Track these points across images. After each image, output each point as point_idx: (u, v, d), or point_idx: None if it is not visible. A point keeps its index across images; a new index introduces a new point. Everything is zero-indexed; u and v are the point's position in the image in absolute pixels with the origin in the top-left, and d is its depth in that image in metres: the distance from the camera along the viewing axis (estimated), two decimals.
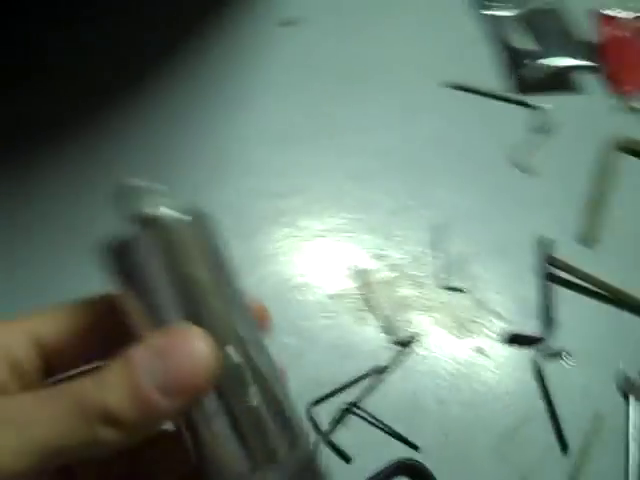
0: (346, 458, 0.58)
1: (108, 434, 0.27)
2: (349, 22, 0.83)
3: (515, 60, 0.82)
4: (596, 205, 0.74)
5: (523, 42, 0.82)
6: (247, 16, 0.81)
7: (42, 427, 0.27)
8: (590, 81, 0.83)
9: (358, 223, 0.71)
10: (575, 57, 0.82)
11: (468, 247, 0.71)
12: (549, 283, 0.69)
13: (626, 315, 0.68)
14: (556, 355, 0.65)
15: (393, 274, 0.68)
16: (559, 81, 0.82)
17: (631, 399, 0.63)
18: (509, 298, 0.69)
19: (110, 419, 0.27)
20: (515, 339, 0.66)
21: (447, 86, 0.80)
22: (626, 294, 0.69)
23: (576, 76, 0.82)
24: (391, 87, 0.80)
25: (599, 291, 0.69)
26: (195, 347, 0.28)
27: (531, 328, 0.67)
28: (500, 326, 0.67)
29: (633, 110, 0.82)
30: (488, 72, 0.82)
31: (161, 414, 0.28)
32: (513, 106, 0.80)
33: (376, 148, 0.75)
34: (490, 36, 0.85)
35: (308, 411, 0.59)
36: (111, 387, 0.27)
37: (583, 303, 0.69)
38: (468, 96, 0.80)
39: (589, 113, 0.81)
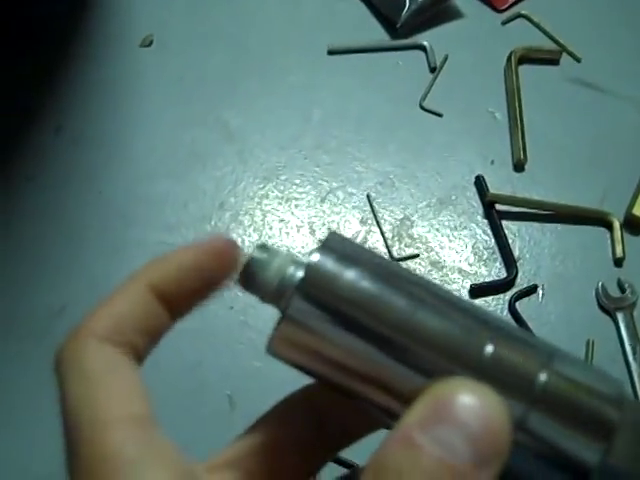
0: None
1: None
2: (212, 25, 0.77)
3: (388, 6, 0.78)
4: (515, 126, 0.72)
5: None
6: (107, 45, 0.75)
7: None
8: (470, 2, 0.79)
9: (287, 224, 0.67)
10: None
11: (407, 210, 0.68)
12: (497, 221, 0.66)
13: (581, 229, 0.66)
14: (528, 292, 0.63)
15: None
16: (440, 13, 0.78)
17: (618, 314, 0.61)
18: (464, 249, 0.66)
19: None
20: (482, 290, 0.63)
21: (332, 53, 0.75)
22: (572, 207, 0.67)
23: (455, 2, 0.79)
24: (277, 72, 0.75)
25: (546, 213, 0.67)
26: (476, 401, 0.23)
27: (496, 272, 0.64)
28: (464, 281, 0.64)
29: (521, 18, 0.79)
30: (369, 28, 0.78)
31: None
32: (403, 52, 0.76)
33: (283, 140, 0.71)
34: None
35: None
36: None
37: (536, 230, 0.67)
38: (356, 57, 0.76)
39: (480, 35, 0.78)
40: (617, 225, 0.65)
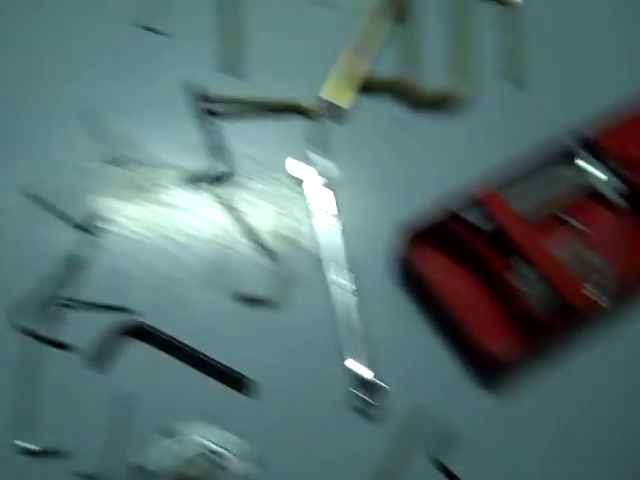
0: (65, 346, 0.61)
1: None
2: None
3: None
4: (231, 32, 0.78)
5: None
6: None
7: None
8: None
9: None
10: None
11: (121, 122, 0.73)
12: (208, 118, 0.73)
13: (282, 120, 0.74)
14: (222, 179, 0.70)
15: None
16: None
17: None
18: (175, 146, 0.72)
19: None
20: (193, 179, 0.70)
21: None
22: (275, 101, 0.75)
23: None
24: None
25: (255, 109, 0.74)
26: None
27: (205, 165, 0.71)
28: (177, 174, 0.70)
29: None
30: None
31: None
32: None
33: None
34: None
35: (14, 324, 0.61)
36: None
37: (245, 125, 0.74)
38: None
39: None
40: (310, 110, 0.74)
